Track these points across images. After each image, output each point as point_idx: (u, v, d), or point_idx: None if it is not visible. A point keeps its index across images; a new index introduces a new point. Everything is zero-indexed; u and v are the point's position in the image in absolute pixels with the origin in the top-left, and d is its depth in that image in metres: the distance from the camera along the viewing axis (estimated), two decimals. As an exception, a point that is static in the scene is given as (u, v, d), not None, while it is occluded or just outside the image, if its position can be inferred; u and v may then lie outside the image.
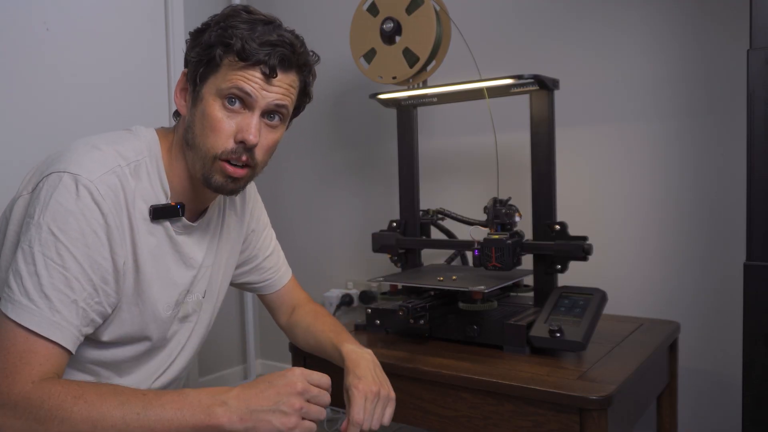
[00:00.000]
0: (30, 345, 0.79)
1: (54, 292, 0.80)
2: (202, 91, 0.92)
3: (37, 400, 0.76)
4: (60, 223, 0.82)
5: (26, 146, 1.78)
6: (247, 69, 0.90)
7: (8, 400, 0.76)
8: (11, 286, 0.81)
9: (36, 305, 0.79)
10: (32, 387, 0.77)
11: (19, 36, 1.77)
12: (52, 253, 0.81)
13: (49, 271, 0.81)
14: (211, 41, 0.90)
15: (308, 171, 2.27)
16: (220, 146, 0.90)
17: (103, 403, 0.76)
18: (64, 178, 0.83)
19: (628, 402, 1.12)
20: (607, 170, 1.64)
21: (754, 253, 1.00)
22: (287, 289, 1.24)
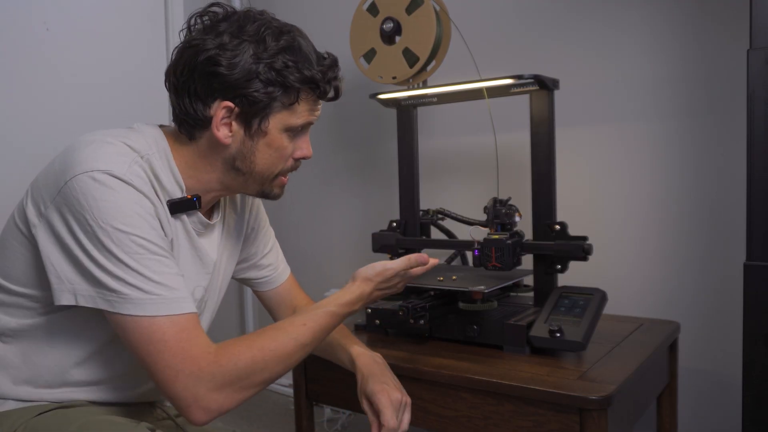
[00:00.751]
0: (177, 325, 0.82)
1: (160, 276, 0.83)
2: (268, 127, 0.93)
3: (229, 364, 0.84)
4: (121, 218, 0.82)
5: (26, 146, 1.78)
6: (317, 103, 0.98)
7: (204, 375, 0.82)
8: (117, 290, 0.81)
9: (155, 293, 0.82)
10: (215, 356, 0.83)
11: (19, 36, 1.78)
12: (133, 247, 0.82)
13: (142, 263, 0.82)
14: (286, 82, 0.91)
15: (308, 171, 2.27)
16: (282, 167, 0.99)
17: (280, 343, 0.89)
18: (98, 176, 0.82)
19: (628, 402, 1.12)
20: (607, 170, 1.64)
21: (754, 253, 1.00)
22: (286, 288, 1.24)
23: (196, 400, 0.82)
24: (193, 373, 0.81)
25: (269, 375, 0.87)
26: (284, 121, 0.94)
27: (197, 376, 0.81)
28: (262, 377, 0.87)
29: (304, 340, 0.91)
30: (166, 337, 0.81)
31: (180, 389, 0.81)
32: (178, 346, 0.82)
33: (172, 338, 0.82)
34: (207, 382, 0.82)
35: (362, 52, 1.53)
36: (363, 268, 1.03)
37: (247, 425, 2.09)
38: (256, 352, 0.86)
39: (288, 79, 0.90)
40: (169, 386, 0.82)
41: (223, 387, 0.83)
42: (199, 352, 0.82)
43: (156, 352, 0.81)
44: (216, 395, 0.83)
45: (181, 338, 0.82)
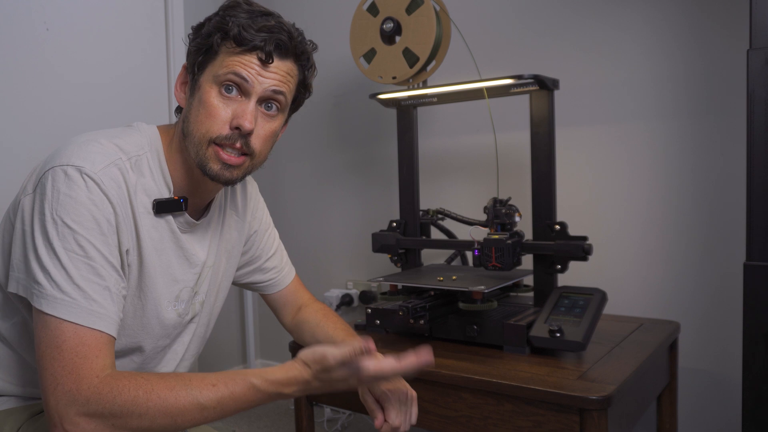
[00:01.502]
0: (79, 337, 0.79)
1: (85, 282, 0.80)
2: (200, 80, 0.92)
3: (108, 395, 0.76)
4: (73, 215, 0.82)
5: (27, 146, 1.78)
6: (243, 55, 0.90)
7: (79, 397, 0.76)
8: (41, 282, 0.80)
9: (71, 297, 0.79)
10: (99, 382, 0.77)
11: (19, 36, 1.78)
12: (73, 245, 0.81)
13: (74, 263, 0.80)
14: (209, 30, 0.92)
15: (308, 171, 2.28)
16: (215, 131, 0.90)
17: (175, 394, 0.79)
18: (69, 171, 0.83)
19: (628, 402, 1.12)
20: (607, 170, 1.64)
21: (754, 253, 1.00)
22: (291, 289, 1.24)
23: (62, 421, 0.76)
24: (70, 392, 0.76)
25: (148, 424, 0.77)
26: (211, 72, 0.91)
27: (73, 396, 0.76)
28: (139, 423, 0.77)
29: (204, 402, 0.79)
30: (63, 346, 0.78)
31: (53, 403, 0.76)
32: (69, 359, 0.77)
33: (67, 349, 0.78)
34: (79, 405, 0.76)
35: (362, 52, 1.53)
36: (306, 350, 0.86)
37: (247, 425, 2.09)
38: (141, 394, 0.77)
39: (207, 27, 0.92)
40: (46, 395, 0.77)
41: (93, 416, 0.76)
42: (87, 373, 0.77)
43: (49, 356, 0.78)
44: (84, 423, 0.76)
45: (77, 352, 0.78)
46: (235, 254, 1.13)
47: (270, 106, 0.93)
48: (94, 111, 1.96)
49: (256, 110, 0.91)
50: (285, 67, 0.93)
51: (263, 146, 0.95)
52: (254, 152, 0.93)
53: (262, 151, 0.95)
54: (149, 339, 0.98)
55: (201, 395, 0.79)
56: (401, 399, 1.00)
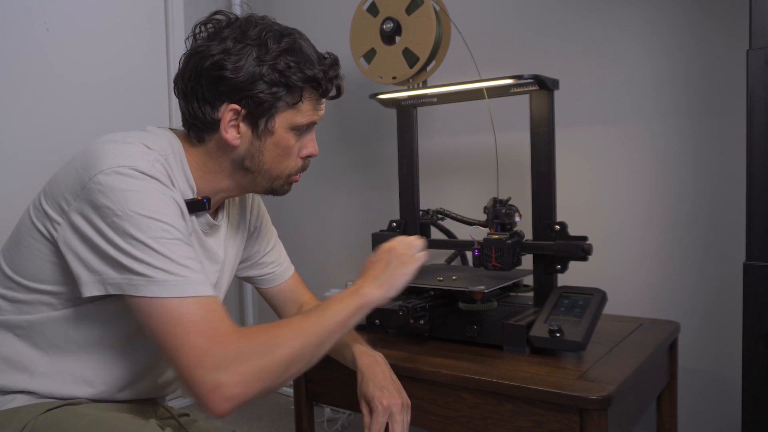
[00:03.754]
0: (204, 306, 0.82)
1: (185, 260, 0.83)
2: (273, 127, 0.96)
3: (251, 341, 0.83)
4: (147, 205, 0.83)
5: (27, 146, 1.78)
6: (320, 101, 1.00)
7: (230, 355, 0.80)
8: (144, 273, 0.81)
9: (181, 275, 0.82)
10: (239, 335, 0.82)
11: (19, 36, 1.78)
12: (158, 231, 0.83)
13: (166, 247, 0.82)
14: (289, 81, 0.94)
15: (308, 171, 2.27)
16: (293, 167, 1.02)
17: (295, 324, 0.89)
18: (122, 170, 0.84)
19: (628, 402, 1.12)
20: (607, 170, 1.64)
21: (754, 253, 1.00)
22: (290, 285, 1.25)
23: (217, 387, 0.78)
24: (219, 354, 0.79)
25: (290, 351, 0.85)
26: (289, 120, 0.97)
27: (223, 357, 0.79)
28: (282, 353, 0.84)
29: (327, 319, 0.91)
30: (196, 318, 0.81)
31: (202, 373, 0.78)
32: (205, 327, 0.81)
33: (201, 319, 0.81)
34: (233, 362, 0.80)
35: (362, 52, 1.53)
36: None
37: (247, 425, 2.09)
38: (273, 327, 0.86)
39: (291, 78, 0.93)
40: (192, 370, 0.79)
41: (246, 366, 0.80)
42: (226, 332, 0.82)
43: (184, 333, 0.80)
44: (239, 378, 0.80)
45: (211, 318, 0.82)
46: (238, 251, 1.15)
47: None
48: (94, 111, 1.96)
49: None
50: None
51: None
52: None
53: None
54: None
55: (308, 316, 0.91)
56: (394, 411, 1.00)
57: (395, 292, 1.01)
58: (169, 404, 1.12)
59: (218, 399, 0.78)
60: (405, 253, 1.04)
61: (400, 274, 1.01)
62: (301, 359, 0.87)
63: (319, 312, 0.92)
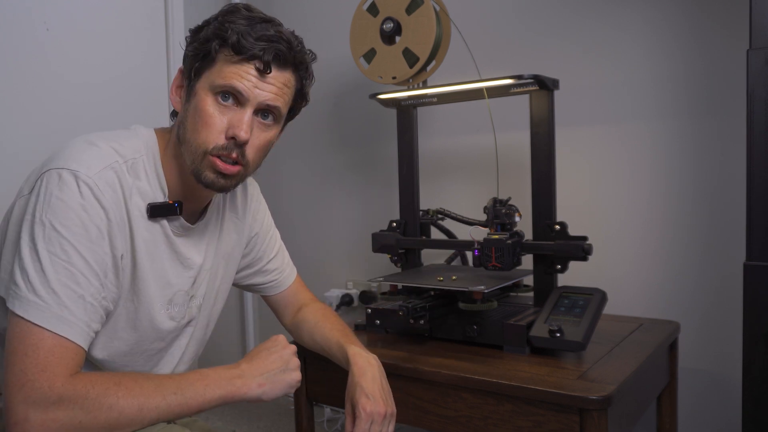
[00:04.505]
0: (48, 342, 0.79)
1: (61, 288, 0.80)
2: (196, 87, 0.92)
3: (81, 390, 0.78)
4: (62, 219, 0.82)
5: (26, 146, 1.78)
6: (241, 64, 0.89)
7: (52, 394, 0.76)
8: (18, 284, 0.80)
9: (44, 301, 0.79)
10: (71, 380, 0.78)
11: (19, 36, 1.78)
12: (56, 249, 0.81)
13: (54, 267, 0.80)
14: (207, 35, 0.91)
15: (308, 171, 2.28)
16: (212, 141, 0.90)
17: (142, 388, 0.81)
18: (63, 175, 0.83)
19: (628, 402, 1.12)
20: (607, 170, 1.64)
21: (754, 253, 1.00)
22: (292, 290, 1.24)
23: (23, 422, 0.75)
24: (41, 389, 0.76)
25: (116, 415, 0.79)
26: (208, 80, 0.91)
27: (44, 393, 0.76)
28: (107, 415, 0.78)
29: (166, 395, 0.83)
30: (38, 347, 0.77)
31: (19, 399, 0.75)
32: (43, 358, 0.77)
33: (43, 350, 0.77)
34: (51, 402, 0.76)
35: (362, 52, 1.53)
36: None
37: (246, 425, 2.09)
38: (111, 385, 0.80)
39: (205, 32, 0.92)
40: (11, 392, 0.76)
41: (62, 412, 0.76)
42: (61, 372, 0.78)
43: (21, 353, 0.77)
44: (48, 424, 0.75)
45: (54, 353, 0.78)
46: (234, 257, 1.13)
47: (266, 115, 0.94)
48: (94, 111, 1.96)
49: (251, 120, 0.91)
50: (283, 77, 0.93)
51: (257, 156, 0.95)
52: (248, 162, 0.93)
53: (255, 160, 0.95)
54: (143, 342, 0.98)
55: (163, 385, 0.83)
56: (375, 419, 0.98)
57: (270, 398, 0.92)
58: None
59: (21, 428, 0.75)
60: (295, 366, 0.97)
61: (285, 382, 0.94)
62: (127, 427, 0.80)
63: (178, 385, 0.84)
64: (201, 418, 1.16)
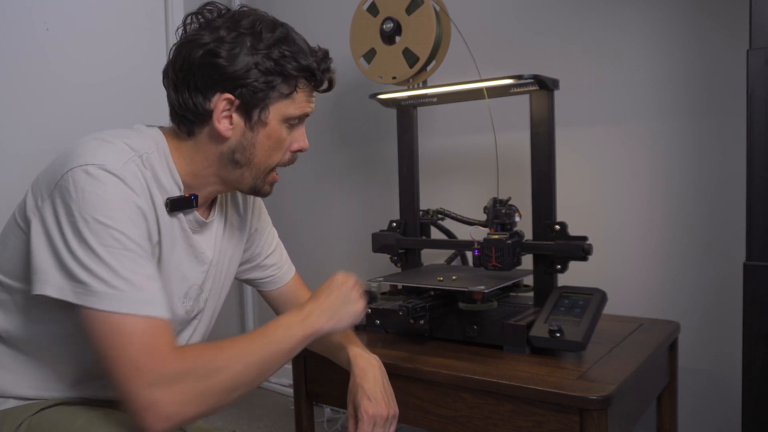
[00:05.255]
0: (143, 324, 0.80)
1: (130, 274, 0.81)
2: (265, 118, 0.95)
3: (192, 361, 0.81)
4: (104, 211, 0.82)
5: (26, 146, 1.78)
6: (312, 91, 0.99)
7: (168, 372, 0.79)
8: (85, 282, 0.79)
9: (120, 290, 0.80)
10: (179, 354, 0.81)
11: (19, 36, 1.78)
12: (109, 241, 0.81)
13: (116, 258, 0.81)
14: (284, 70, 0.93)
15: (308, 171, 2.28)
16: (279, 159, 0.99)
17: (240, 346, 0.87)
18: (91, 170, 0.83)
19: (628, 402, 1.12)
20: (607, 170, 1.64)
21: (754, 253, 1.00)
22: (291, 287, 1.25)
23: (153, 404, 0.77)
24: (156, 372, 0.78)
25: (230, 376, 0.83)
26: (283, 111, 0.95)
27: (160, 375, 0.78)
28: (222, 378, 0.83)
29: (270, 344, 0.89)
30: (134, 332, 0.79)
31: (136, 388, 0.77)
32: (146, 342, 0.79)
33: (140, 333, 0.79)
34: (169, 381, 0.78)
35: (362, 52, 1.53)
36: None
37: (247, 425, 2.09)
38: (216, 350, 0.84)
39: (286, 68, 0.93)
40: (127, 384, 0.78)
41: (181, 383, 0.79)
42: (165, 351, 0.80)
43: (121, 346, 0.78)
44: (175, 398, 0.78)
45: (150, 334, 0.80)
46: (237, 252, 1.14)
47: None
48: (94, 111, 1.96)
49: None
50: None
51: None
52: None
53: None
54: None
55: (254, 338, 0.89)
56: (377, 422, 1.00)
57: (340, 330, 1.00)
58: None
59: (154, 417, 0.77)
60: (356, 298, 1.04)
61: (350, 313, 1.01)
62: (241, 385, 0.85)
63: (264, 336, 0.89)
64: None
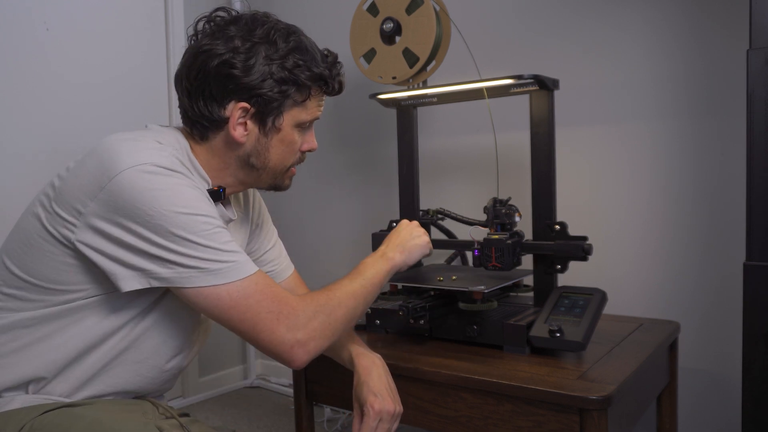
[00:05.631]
0: (263, 281, 0.90)
1: (229, 245, 0.88)
2: (280, 125, 0.99)
3: (314, 303, 0.94)
4: (179, 201, 0.85)
5: (26, 146, 1.78)
6: (323, 99, 1.04)
7: (301, 314, 0.91)
8: (194, 266, 0.85)
9: (229, 261, 0.87)
10: (302, 299, 0.93)
11: (19, 36, 1.78)
12: (199, 226, 0.86)
13: (212, 238, 0.87)
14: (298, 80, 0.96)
15: (309, 171, 2.27)
16: (293, 160, 1.05)
17: (343, 287, 1.00)
18: (145, 168, 0.84)
19: (628, 402, 1.12)
20: (607, 170, 1.64)
21: (754, 253, 1.00)
22: (289, 284, 1.26)
23: (297, 343, 0.89)
24: (292, 316, 0.89)
25: (344, 310, 0.97)
26: (296, 117, 1.00)
27: (295, 318, 0.89)
28: (341, 312, 0.96)
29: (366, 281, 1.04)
30: (258, 290, 0.88)
31: (283, 332, 0.88)
32: (272, 295, 0.89)
33: (263, 290, 0.89)
34: (304, 321, 0.90)
35: (362, 52, 1.53)
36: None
37: (247, 425, 2.09)
38: (329, 291, 0.98)
39: (300, 77, 0.96)
40: (274, 331, 0.88)
41: (314, 321, 0.91)
42: (290, 297, 0.91)
43: (255, 304, 0.88)
44: (314, 333, 0.91)
45: (271, 288, 0.90)
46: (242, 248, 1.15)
47: None
48: (94, 111, 1.96)
49: None
50: None
51: None
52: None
53: None
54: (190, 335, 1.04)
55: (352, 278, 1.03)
56: (384, 417, 1.02)
57: (412, 261, 1.13)
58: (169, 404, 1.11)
59: (300, 353, 0.90)
60: (420, 233, 1.17)
61: (417, 245, 1.14)
62: (354, 316, 1.00)
63: (360, 275, 1.04)
64: (200, 417, 1.16)
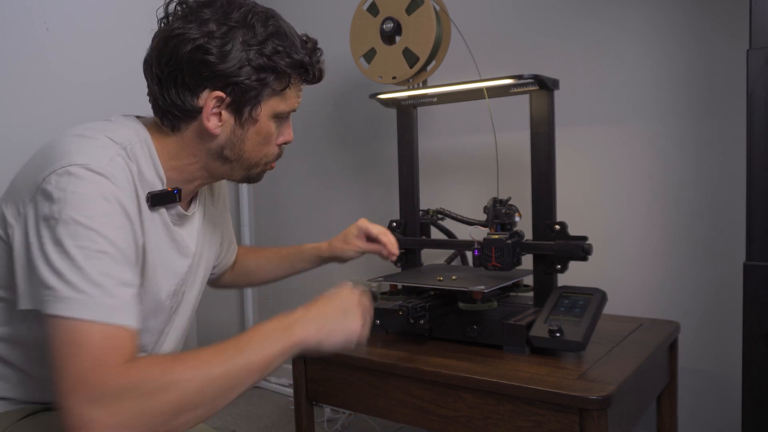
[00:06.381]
0: (103, 333, 0.72)
1: (102, 278, 0.74)
2: (257, 115, 0.92)
3: (140, 374, 0.71)
4: (85, 212, 0.76)
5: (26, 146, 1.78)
6: (302, 89, 0.97)
7: (110, 387, 0.70)
8: (52, 286, 0.73)
9: (87, 294, 0.73)
10: (128, 367, 0.72)
11: (19, 36, 1.78)
12: (87, 243, 0.75)
13: (90, 260, 0.74)
14: (277, 67, 0.89)
15: (308, 171, 2.27)
16: (271, 154, 0.99)
17: (199, 359, 0.74)
18: (74, 170, 0.78)
19: (628, 402, 1.12)
20: (607, 170, 1.64)
21: (754, 253, 1.00)
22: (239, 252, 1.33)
23: (87, 423, 0.68)
24: (96, 386, 0.69)
25: (181, 395, 0.71)
26: (274, 107, 0.93)
27: (99, 390, 0.69)
28: (168, 398, 0.71)
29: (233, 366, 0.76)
30: (87, 342, 0.71)
31: (75, 403, 0.69)
32: (96, 353, 0.71)
33: (93, 344, 0.71)
34: (109, 398, 0.69)
35: (362, 52, 1.53)
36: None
37: (246, 425, 2.09)
38: (167, 365, 0.73)
39: (279, 64, 0.89)
40: (65, 398, 0.69)
41: (125, 400, 0.69)
42: (114, 363, 0.71)
43: (69, 355, 0.71)
44: (112, 419, 0.68)
45: (105, 346, 0.72)
46: (215, 242, 1.12)
47: None
48: (94, 111, 1.95)
49: None
50: None
51: None
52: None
53: None
54: (143, 334, 0.95)
55: (220, 352, 0.76)
56: (382, 229, 1.25)
57: (329, 347, 0.85)
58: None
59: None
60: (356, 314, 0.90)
61: (344, 330, 0.87)
62: (196, 405, 0.73)
63: (235, 347, 0.77)
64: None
